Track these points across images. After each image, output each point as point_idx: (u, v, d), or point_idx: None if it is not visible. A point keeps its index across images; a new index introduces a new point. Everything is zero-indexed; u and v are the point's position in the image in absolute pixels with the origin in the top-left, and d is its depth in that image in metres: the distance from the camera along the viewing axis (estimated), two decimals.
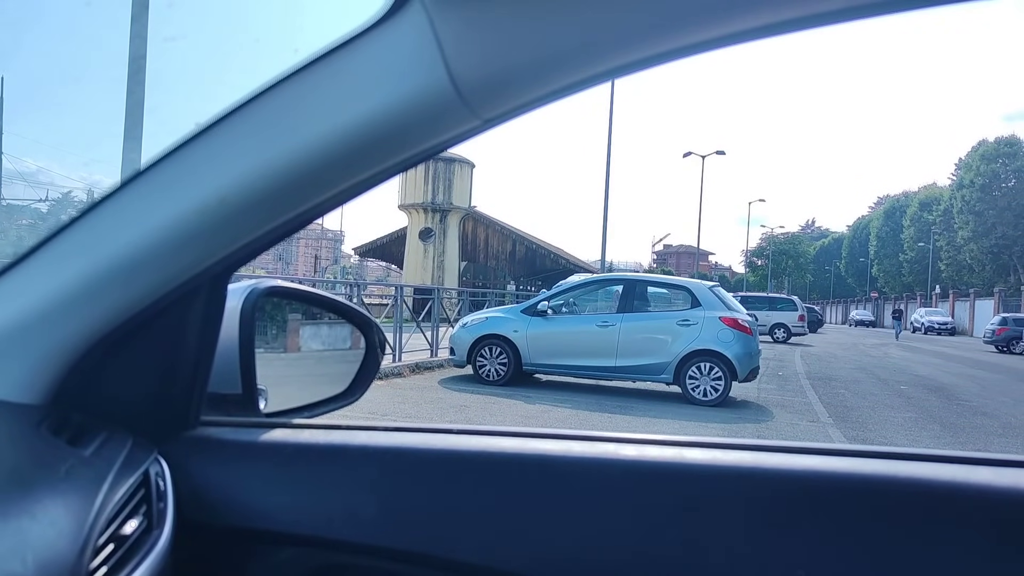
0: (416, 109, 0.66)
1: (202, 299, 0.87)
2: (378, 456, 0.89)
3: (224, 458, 0.91)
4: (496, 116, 0.69)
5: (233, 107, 0.73)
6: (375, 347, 1.22)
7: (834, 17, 0.57)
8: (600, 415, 7.87)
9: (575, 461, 0.85)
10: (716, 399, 8.91)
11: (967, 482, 0.76)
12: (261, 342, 1.13)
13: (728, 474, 0.81)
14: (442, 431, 0.93)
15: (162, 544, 0.75)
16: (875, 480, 0.77)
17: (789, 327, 27.82)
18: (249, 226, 0.78)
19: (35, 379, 0.78)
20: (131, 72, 9.60)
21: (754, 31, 0.59)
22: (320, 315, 1.33)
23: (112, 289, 0.78)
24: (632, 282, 10.02)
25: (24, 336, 0.77)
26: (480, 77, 0.64)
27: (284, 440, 0.93)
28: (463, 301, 16.04)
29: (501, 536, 0.82)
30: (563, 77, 0.65)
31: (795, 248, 66.40)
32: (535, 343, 9.67)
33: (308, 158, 0.71)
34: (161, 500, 0.80)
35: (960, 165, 63.68)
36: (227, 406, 0.99)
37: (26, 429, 0.74)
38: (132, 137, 9.81)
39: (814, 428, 7.89)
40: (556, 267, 36.88)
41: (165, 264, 0.78)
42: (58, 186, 71.07)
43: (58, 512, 0.64)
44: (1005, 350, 28.91)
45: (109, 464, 0.75)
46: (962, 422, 8.96)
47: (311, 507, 0.87)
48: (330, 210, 0.81)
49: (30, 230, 42.51)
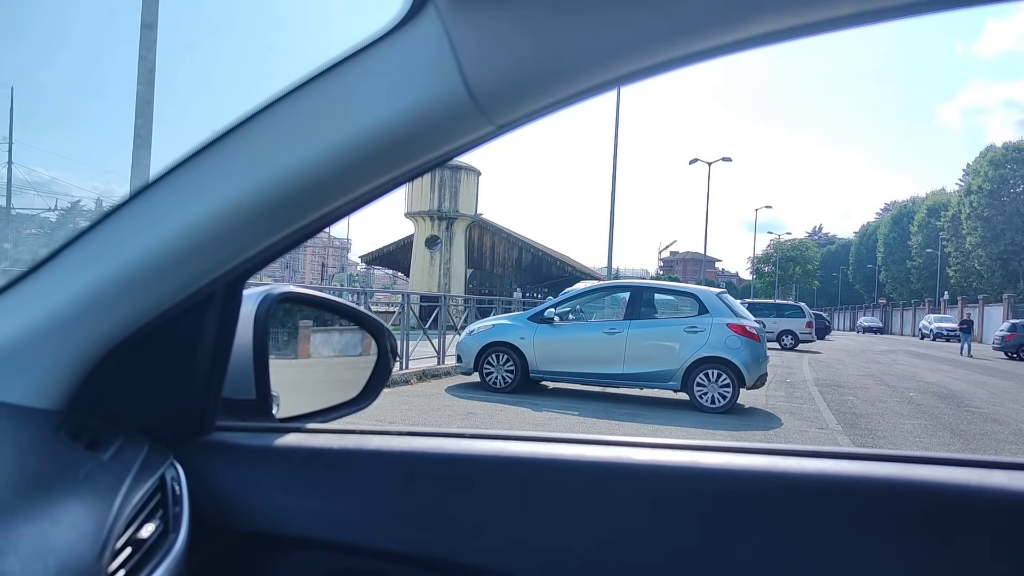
0: (431, 115, 0.67)
1: (217, 305, 0.88)
2: (391, 460, 0.90)
3: (239, 463, 0.91)
4: (510, 122, 0.69)
5: (248, 114, 0.74)
6: (387, 353, 1.23)
7: (843, 23, 0.58)
8: (607, 422, 7.84)
9: (588, 465, 0.85)
10: (724, 406, 8.87)
11: (981, 485, 0.75)
12: (274, 348, 1.13)
13: (741, 478, 0.81)
14: (455, 435, 0.93)
15: (178, 548, 0.76)
16: (888, 483, 0.77)
17: (797, 334, 27.70)
18: (264, 232, 0.79)
19: (53, 385, 0.79)
20: (141, 82, 9.68)
21: (765, 36, 0.59)
22: (332, 321, 1.33)
23: (128, 295, 0.79)
24: (639, 289, 10.00)
25: (42, 342, 0.78)
26: (495, 83, 0.64)
27: (298, 445, 0.93)
28: (469, 308, 16.05)
29: (514, 540, 0.83)
30: (577, 83, 0.65)
31: (802, 254, 66.22)
32: (542, 350, 9.66)
33: (323, 164, 0.71)
34: (177, 504, 0.80)
35: (968, 171, 63.42)
36: (241, 411, 1.00)
37: (45, 434, 0.75)
38: (142, 147, 9.88)
39: (823, 435, 7.84)
40: (562, 274, 36.84)
41: (181, 270, 0.79)
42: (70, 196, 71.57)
43: (77, 515, 0.65)
44: (1015, 356, 28.69)
45: (127, 468, 0.75)
46: (972, 429, 8.90)
47: (325, 511, 0.87)
48: (345, 216, 0.81)
49: (41, 239, 42.77)
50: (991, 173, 55.41)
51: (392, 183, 0.76)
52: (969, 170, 62.49)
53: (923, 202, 74.49)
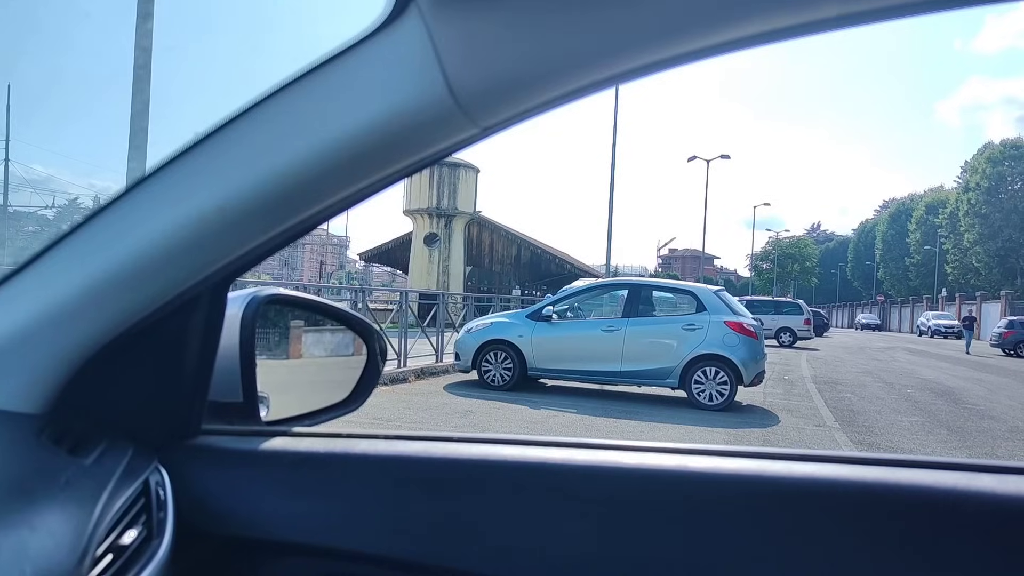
0: (414, 117, 0.66)
1: (203, 307, 0.87)
2: (379, 464, 0.89)
3: (225, 467, 0.91)
4: (494, 124, 0.68)
5: (232, 116, 0.73)
6: (376, 355, 1.22)
7: (839, 23, 0.57)
8: (605, 420, 7.85)
9: (577, 469, 0.84)
10: (722, 403, 8.88)
11: (969, 489, 0.75)
12: (262, 349, 1.12)
13: (730, 481, 0.80)
14: (443, 439, 0.93)
15: (161, 554, 0.75)
16: (877, 487, 0.77)
17: (795, 331, 27.74)
18: (248, 234, 0.78)
19: (35, 388, 0.78)
20: (135, 79, 9.66)
21: (755, 38, 0.59)
22: (322, 322, 1.33)
23: (113, 297, 0.78)
24: (637, 287, 10.01)
25: (24, 345, 0.77)
26: (478, 85, 0.63)
27: (285, 449, 0.93)
28: (468, 306, 16.04)
29: (504, 544, 0.82)
30: (562, 85, 0.64)
31: (800, 252, 66.27)
32: (540, 348, 9.66)
33: (306, 166, 0.71)
34: (161, 509, 0.80)
35: (966, 168, 63.49)
36: (228, 414, 0.99)
37: (27, 438, 0.74)
38: (136, 145, 9.86)
39: (820, 432, 7.86)
40: (561, 272, 36.86)
41: (165, 272, 0.78)
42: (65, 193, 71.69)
43: (57, 522, 0.64)
44: (1012, 353, 28.75)
45: (109, 473, 0.75)
46: (969, 426, 8.91)
47: (312, 516, 0.87)
48: (330, 218, 0.80)
49: (36, 237, 42.74)
50: (989, 170, 55.51)
51: (376, 186, 0.76)
52: (967, 167, 62.59)
53: (921, 199, 74.62)
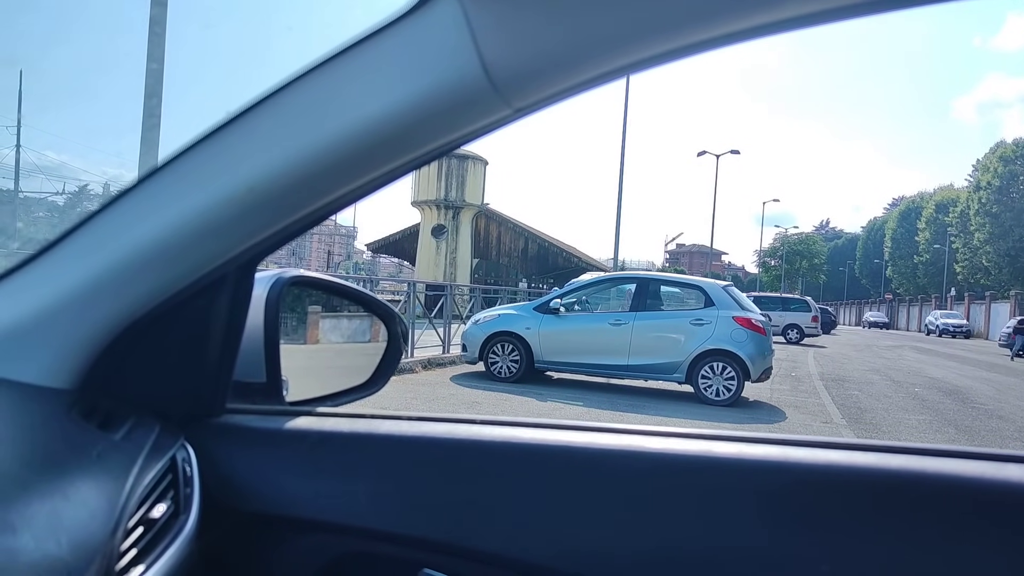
0: (448, 98, 0.66)
1: (229, 287, 0.88)
2: (402, 445, 0.90)
3: (249, 445, 0.92)
4: (527, 105, 0.68)
5: (263, 96, 0.73)
6: (397, 338, 1.23)
7: (854, 11, 0.57)
8: (612, 413, 7.85)
9: (600, 453, 0.84)
10: (729, 399, 8.87)
11: (995, 479, 0.75)
12: (284, 332, 1.13)
13: (754, 468, 0.81)
14: (466, 421, 0.93)
15: (189, 528, 0.76)
16: (901, 475, 0.77)
17: (802, 328, 27.64)
18: (277, 215, 0.78)
19: (65, 364, 0.79)
20: (151, 61, 9.66)
21: (785, 22, 0.58)
22: (341, 307, 1.33)
23: (141, 276, 0.79)
24: (645, 280, 9.98)
25: (54, 322, 0.78)
26: (513, 66, 0.64)
27: (308, 428, 0.93)
28: (475, 298, 16.06)
29: (524, 526, 0.83)
30: (596, 66, 0.64)
31: (809, 248, 65.87)
32: (547, 340, 9.66)
33: (339, 147, 0.71)
34: (188, 485, 0.81)
35: (977, 166, 63.02)
36: (251, 394, 1.00)
37: (58, 413, 0.75)
38: (150, 127, 9.86)
39: (827, 429, 7.83)
40: (568, 265, 36.79)
41: (193, 252, 0.79)
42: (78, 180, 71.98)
43: (90, 494, 0.65)
44: (1020, 354, 28.57)
45: (138, 448, 0.76)
46: (977, 425, 8.88)
47: (335, 494, 0.88)
48: (358, 200, 0.81)
49: (48, 222, 42.95)
50: (1000, 169, 55.03)
51: (407, 166, 0.76)
52: (979, 166, 62.10)
53: (931, 197, 74.09)
